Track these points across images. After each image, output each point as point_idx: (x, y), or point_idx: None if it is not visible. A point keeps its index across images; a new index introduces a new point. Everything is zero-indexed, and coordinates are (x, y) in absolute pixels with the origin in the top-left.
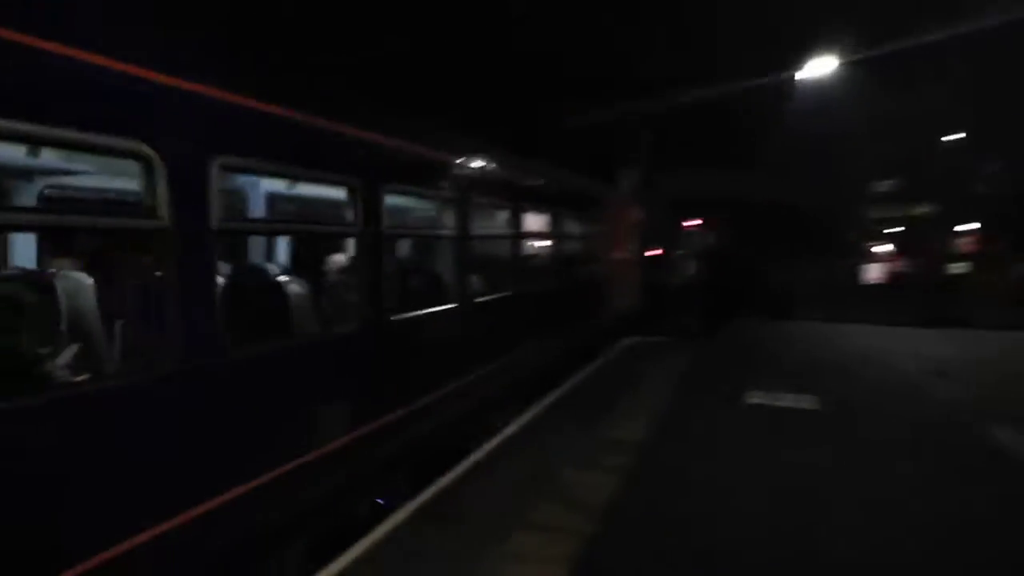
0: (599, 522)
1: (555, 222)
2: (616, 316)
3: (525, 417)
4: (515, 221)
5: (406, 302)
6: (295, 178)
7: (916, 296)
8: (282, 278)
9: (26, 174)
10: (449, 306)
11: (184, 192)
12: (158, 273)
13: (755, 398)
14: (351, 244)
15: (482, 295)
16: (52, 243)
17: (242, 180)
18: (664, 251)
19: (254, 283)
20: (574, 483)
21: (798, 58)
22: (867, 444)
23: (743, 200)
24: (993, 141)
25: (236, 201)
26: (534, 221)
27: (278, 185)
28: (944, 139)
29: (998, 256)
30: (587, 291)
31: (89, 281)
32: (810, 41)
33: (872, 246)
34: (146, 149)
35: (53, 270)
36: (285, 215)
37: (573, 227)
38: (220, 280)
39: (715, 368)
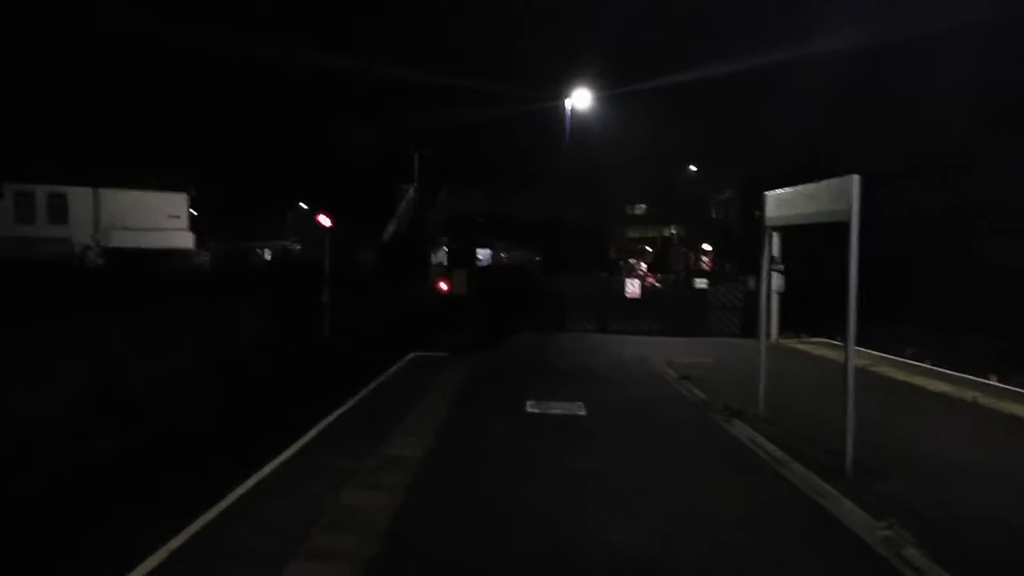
0: (380, 543)
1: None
2: None
3: (305, 438)
4: None
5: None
6: None
7: (669, 308)
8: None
9: None
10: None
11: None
12: None
13: (530, 407)
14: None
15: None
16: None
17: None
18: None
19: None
20: (355, 504)
21: (565, 89)
22: (625, 439)
23: (519, 217)
24: (723, 173)
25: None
26: None
27: None
28: (690, 168)
29: (729, 273)
30: None
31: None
32: (576, 74)
33: (631, 262)
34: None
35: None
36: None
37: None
38: None
39: (494, 380)
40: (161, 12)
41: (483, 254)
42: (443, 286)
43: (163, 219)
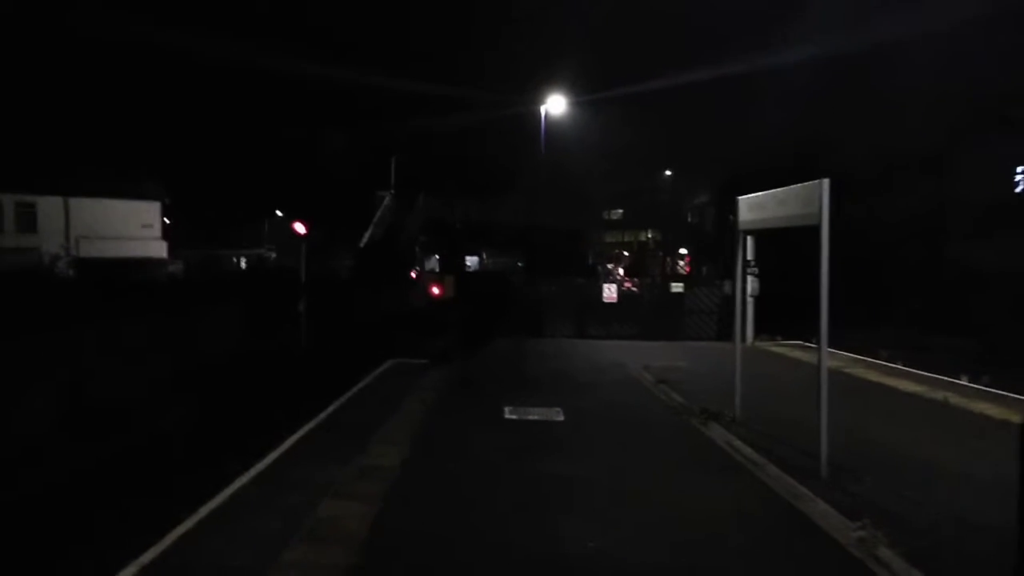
0: (358, 554)
1: None
2: None
3: (282, 448)
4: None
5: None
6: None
7: (646, 313)
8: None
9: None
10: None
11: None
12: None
13: (508, 413)
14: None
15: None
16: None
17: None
18: (418, 272)
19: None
20: (333, 515)
21: (542, 94)
22: (603, 445)
23: (498, 223)
24: (699, 178)
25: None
26: None
27: None
28: (665, 174)
29: (705, 277)
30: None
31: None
32: (553, 80)
33: (608, 267)
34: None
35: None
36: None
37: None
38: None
39: (472, 386)
40: (143, 19)
41: (471, 260)
42: (435, 290)
43: (135, 228)
